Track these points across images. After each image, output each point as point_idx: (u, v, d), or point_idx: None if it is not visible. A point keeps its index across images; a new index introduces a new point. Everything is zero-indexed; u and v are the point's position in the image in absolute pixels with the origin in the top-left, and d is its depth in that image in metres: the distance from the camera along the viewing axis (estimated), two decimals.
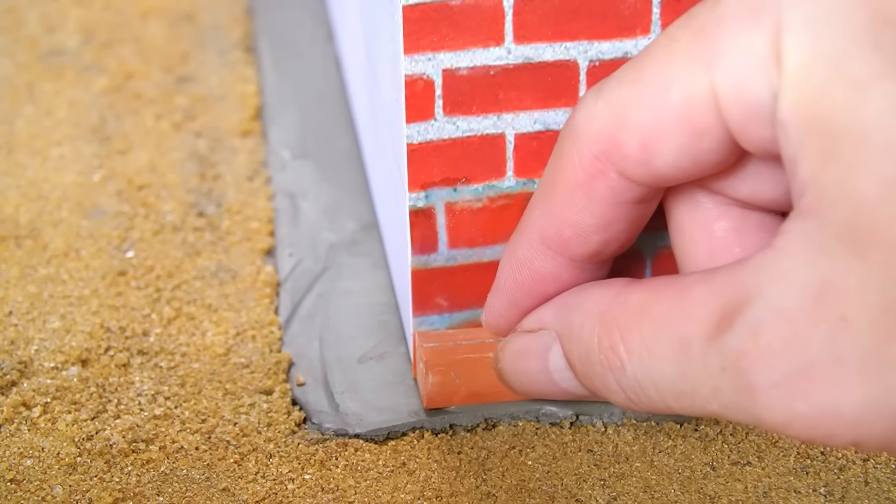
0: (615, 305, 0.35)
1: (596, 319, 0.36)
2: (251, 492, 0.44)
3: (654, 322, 0.34)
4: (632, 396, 0.35)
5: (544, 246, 0.39)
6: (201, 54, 0.70)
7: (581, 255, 0.39)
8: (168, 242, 0.56)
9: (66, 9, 0.74)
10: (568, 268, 0.39)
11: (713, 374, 0.32)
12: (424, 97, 0.44)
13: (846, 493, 0.43)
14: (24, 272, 0.54)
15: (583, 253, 0.39)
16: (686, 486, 0.44)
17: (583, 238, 0.38)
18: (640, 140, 0.35)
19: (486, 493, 0.44)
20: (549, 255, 0.39)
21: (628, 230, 0.38)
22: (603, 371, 0.35)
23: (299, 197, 0.59)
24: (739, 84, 0.33)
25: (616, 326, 0.35)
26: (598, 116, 0.36)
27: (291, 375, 0.49)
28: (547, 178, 0.38)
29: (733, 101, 0.33)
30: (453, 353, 0.46)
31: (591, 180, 0.37)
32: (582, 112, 0.36)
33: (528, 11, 0.43)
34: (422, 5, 0.42)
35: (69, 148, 0.62)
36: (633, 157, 0.35)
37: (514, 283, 0.40)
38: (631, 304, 0.35)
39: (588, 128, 0.36)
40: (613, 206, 0.37)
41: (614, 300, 0.36)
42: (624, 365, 0.35)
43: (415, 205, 0.45)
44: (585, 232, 0.38)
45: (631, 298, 0.35)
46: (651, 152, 0.35)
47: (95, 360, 0.49)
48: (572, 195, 0.37)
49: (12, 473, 0.44)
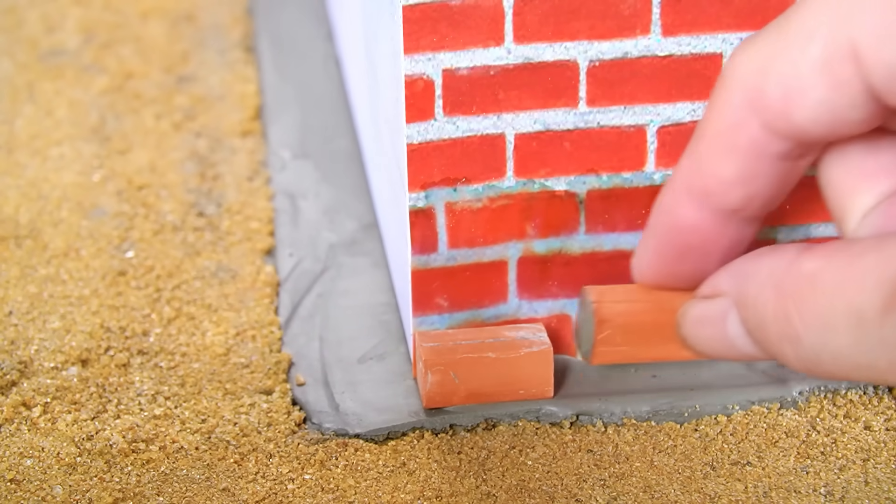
0: (789, 275, 0.35)
1: (771, 289, 0.36)
2: (251, 492, 0.44)
3: (828, 292, 0.34)
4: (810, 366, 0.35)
5: (688, 195, 0.39)
6: (201, 54, 0.70)
7: (723, 208, 0.38)
8: (168, 242, 0.56)
9: (66, 9, 0.74)
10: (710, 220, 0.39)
11: (890, 348, 0.32)
12: (424, 97, 0.44)
13: (846, 493, 0.43)
14: (24, 272, 0.54)
15: (725, 206, 0.38)
16: (686, 486, 0.44)
17: (724, 189, 0.38)
18: (781, 91, 0.35)
19: (486, 493, 0.44)
20: (692, 205, 0.39)
21: (772, 187, 0.38)
22: (780, 341, 0.35)
23: (299, 197, 0.59)
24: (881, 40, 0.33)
25: (790, 297, 0.35)
26: (744, 66, 0.36)
27: (291, 375, 0.49)
28: (699, 126, 0.38)
29: (875, 58, 0.33)
30: (453, 353, 0.46)
31: (734, 129, 0.36)
32: (732, 61, 0.37)
33: (528, 11, 0.43)
34: (422, 5, 0.42)
35: (69, 148, 0.62)
36: (774, 107, 0.35)
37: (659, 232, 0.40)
38: (804, 274, 0.35)
39: (734, 76, 0.36)
40: (755, 158, 0.37)
41: (788, 269, 0.35)
42: (800, 336, 0.34)
43: (415, 205, 0.45)
44: (727, 183, 0.38)
45: (804, 267, 0.35)
46: (792, 104, 0.35)
47: (95, 360, 0.49)
48: (716, 142, 0.37)
49: (12, 473, 0.44)
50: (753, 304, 0.37)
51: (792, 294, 0.35)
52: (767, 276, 0.36)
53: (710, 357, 0.41)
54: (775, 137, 0.36)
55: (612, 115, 0.45)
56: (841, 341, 0.33)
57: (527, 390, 0.46)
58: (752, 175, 0.37)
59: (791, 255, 0.36)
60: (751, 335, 0.37)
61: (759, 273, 0.37)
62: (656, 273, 0.41)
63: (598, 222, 0.47)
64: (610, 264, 0.47)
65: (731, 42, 0.44)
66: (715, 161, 0.37)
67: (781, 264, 0.36)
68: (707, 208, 0.38)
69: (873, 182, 0.37)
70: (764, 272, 0.36)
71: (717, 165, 0.37)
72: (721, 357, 0.40)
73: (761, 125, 0.36)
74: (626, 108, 0.45)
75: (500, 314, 0.48)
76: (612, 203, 0.47)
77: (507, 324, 0.48)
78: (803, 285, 0.35)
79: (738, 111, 0.36)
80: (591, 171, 0.46)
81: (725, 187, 0.38)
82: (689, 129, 0.46)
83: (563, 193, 0.46)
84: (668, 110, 0.45)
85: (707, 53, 0.45)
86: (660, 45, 0.44)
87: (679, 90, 0.45)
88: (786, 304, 0.35)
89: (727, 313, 0.39)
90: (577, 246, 0.47)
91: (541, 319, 0.48)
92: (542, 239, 0.47)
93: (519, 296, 0.48)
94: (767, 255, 0.37)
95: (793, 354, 0.35)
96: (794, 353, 0.35)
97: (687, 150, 0.38)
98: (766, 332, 0.36)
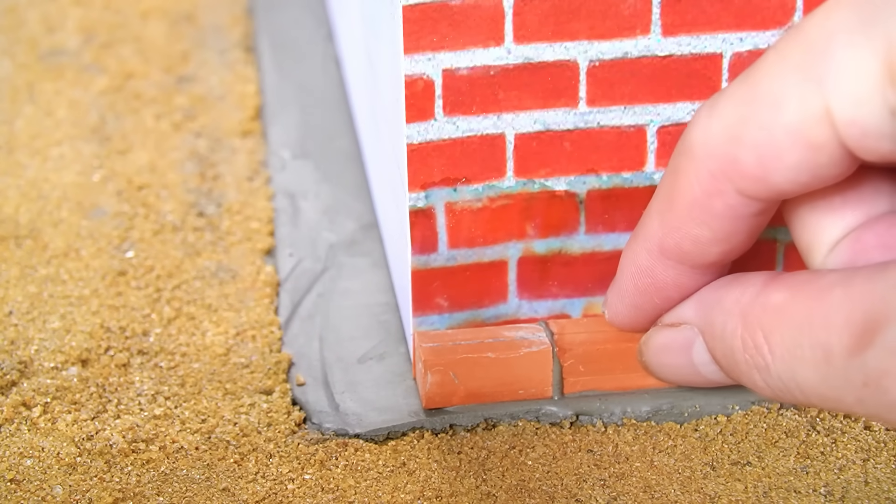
0: (756, 305, 0.36)
1: (738, 319, 0.36)
2: (251, 492, 0.44)
3: (796, 325, 0.34)
4: (778, 393, 0.35)
5: (664, 256, 0.40)
6: (201, 54, 0.70)
7: (701, 264, 0.39)
8: (168, 242, 0.56)
9: (66, 9, 0.74)
10: (689, 275, 0.40)
11: (856, 388, 0.33)
12: (424, 97, 0.44)
13: (846, 493, 0.43)
14: (24, 272, 0.54)
15: (703, 262, 0.39)
16: (686, 486, 0.44)
17: (702, 249, 0.39)
18: (756, 158, 0.35)
19: (486, 493, 0.44)
20: (669, 264, 0.40)
21: (748, 239, 0.39)
22: (748, 369, 0.36)
23: (299, 197, 0.59)
24: (855, 104, 0.33)
25: (759, 327, 0.35)
26: (713, 135, 0.36)
27: (291, 375, 0.49)
28: (664, 191, 0.39)
29: (849, 122, 0.33)
30: (452, 353, 0.46)
31: (709, 198, 0.37)
32: (697, 130, 0.37)
33: (528, 11, 0.43)
34: (422, 5, 0.42)
35: (69, 148, 0.62)
36: (750, 174, 0.36)
37: (636, 289, 0.41)
38: (771, 305, 0.35)
39: (704, 146, 0.36)
40: (732, 220, 0.37)
41: (755, 299, 0.36)
42: (768, 365, 0.35)
43: (415, 205, 0.45)
44: (705, 244, 0.39)
45: (771, 298, 0.35)
46: (768, 169, 0.35)
47: (95, 360, 0.49)
48: (690, 211, 0.38)
49: (12, 473, 0.44)
50: (721, 333, 0.37)
51: (760, 324, 0.36)
52: (733, 305, 0.37)
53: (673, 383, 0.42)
54: (751, 200, 0.37)
55: (612, 115, 0.45)
56: (808, 374, 0.34)
57: (526, 390, 0.46)
58: (729, 234, 0.38)
59: (757, 286, 0.36)
60: (718, 363, 0.38)
61: (725, 302, 0.38)
62: (632, 321, 0.42)
63: (598, 222, 0.47)
64: (610, 264, 0.47)
65: (731, 42, 0.44)
66: (692, 226, 0.38)
67: (747, 294, 0.37)
68: (684, 265, 0.39)
69: (839, 216, 0.37)
70: (729, 301, 0.37)
71: (694, 230, 0.38)
72: (685, 383, 0.41)
73: (737, 191, 0.36)
74: (626, 108, 0.45)
75: (500, 314, 0.48)
76: (613, 203, 0.47)
77: (506, 324, 0.48)
78: (772, 316, 0.35)
79: (712, 181, 0.37)
80: (591, 171, 0.46)
81: (704, 247, 0.39)
82: None
83: (563, 193, 0.46)
84: (668, 110, 0.45)
85: (707, 53, 0.45)
86: (660, 45, 0.44)
87: (679, 90, 0.45)
88: (754, 333, 0.36)
89: (692, 341, 0.40)
90: (577, 246, 0.47)
91: (541, 319, 0.48)
92: (542, 239, 0.47)
93: (519, 296, 0.48)
94: (732, 285, 0.38)
95: (762, 382, 0.36)
96: (764, 381, 0.36)
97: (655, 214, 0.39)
98: (735, 360, 0.37)
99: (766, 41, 0.45)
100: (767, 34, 0.44)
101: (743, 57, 0.45)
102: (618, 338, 0.46)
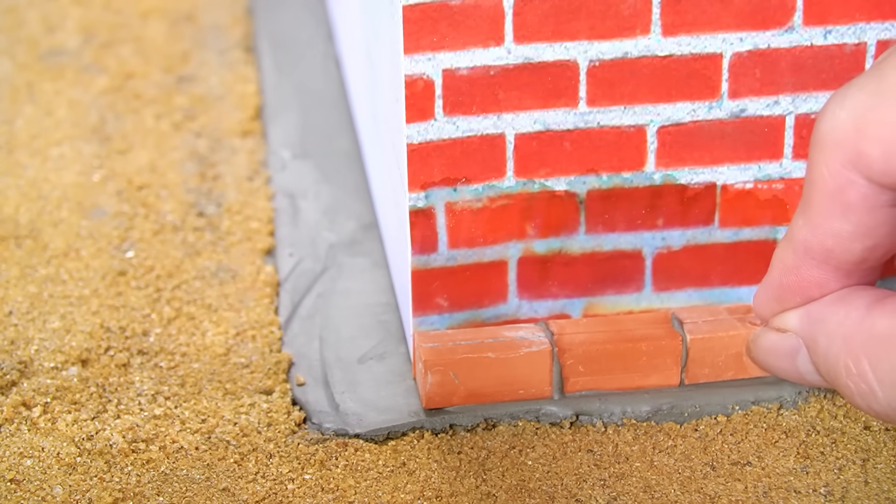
0: (861, 332, 0.37)
1: (841, 344, 0.37)
2: (251, 492, 0.44)
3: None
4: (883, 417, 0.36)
5: (808, 256, 0.40)
6: (201, 54, 0.70)
7: (846, 264, 0.39)
8: (168, 242, 0.56)
9: (66, 9, 0.74)
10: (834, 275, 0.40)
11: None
12: (424, 97, 0.44)
13: (846, 493, 0.43)
14: (24, 272, 0.54)
15: (848, 261, 0.39)
16: (686, 486, 0.44)
17: (845, 246, 0.39)
18: (881, 151, 0.36)
19: (486, 493, 0.44)
20: (813, 264, 0.40)
21: (892, 233, 0.39)
22: (851, 394, 0.37)
23: (299, 197, 0.59)
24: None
25: (864, 355, 0.36)
26: (840, 125, 0.36)
27: (291, 375, 0.49)
28: (805, 188, 0.39)
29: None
30: (452, 353, 0.46)
31: (842, 189, 0.37)
32: (825, 121, 0.37)
33: (528, 11, 0.43)
34: (422, 5, 0.42)
35: (69, 148, 0.62)
36: (876, 166, 0.36)
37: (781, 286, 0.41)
38: (877, 334, 0.36)
39: (832, 137, 0.37)
40: (870, 211, 0.37)
41: (859, 325, 0.37)
42: (875, 392, 0.36)
43: (415, 205, 0.45)
44: (847, 240, 0.39)
45: (876, 327, 0.36)
46: (893, 165, 0.35)
47: (95, 360, 0.49)
48: (827, 205, 0.38)
49: (12, 473, 0.44)
50: (825, 354, 0.38)
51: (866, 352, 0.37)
52: (837, 327, 0.38)
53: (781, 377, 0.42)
54: (884, 189, 0.37)
55: (612, 115, 0.45)
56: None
57: (526, 390, 0.46)
58: (869, 227, 0.38)
59: (860, 311, 0.37)
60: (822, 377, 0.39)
61: (828, 323, 0.38)
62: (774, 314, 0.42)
63: (598, 222, 0.47)
64: (610, 264, 0.47)
65: (731, 42, 0.44)
66: (831, 221, 0.38)
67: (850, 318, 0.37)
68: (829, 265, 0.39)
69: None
70: (833, 323, 0.38)
71: (834, 224, 0.38)
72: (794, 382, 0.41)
73: (867, 181, 0.37)
74: (626, 108, 0.45)
75: (500, 314, 0.48)
76: (612, 203, 0.47)
77: (506, 324, 0.48)
78: (877, 345, 0.36)
79: (842, 173, 0.37)
80: (591, 171, 0.46)
81: (846, 244, 0.39)
82: (688, 129, 0.46)
83: (563, 193, 0.46)
84: (668, 110, 0.45)
85: (707, 53, 0.45)
86: (660, 45, 0.44)
87: (679, 90, 0.45)
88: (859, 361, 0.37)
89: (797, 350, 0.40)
90: (577, 246, 0.47)
91: (541, 319, 0.48)
92: (542, 239, 0.47)
93: (519, 296, 0.48)
94: (836, 306, 0.38)
95: (866, 407, 0.37)
96: (868, 406, 0.37)
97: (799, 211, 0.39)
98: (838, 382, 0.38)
99: (766, 41, 0.45)
100: (767, 34, 0.44)
101: (743, 57, 0.45)
102: (618, 338, 0.46)
